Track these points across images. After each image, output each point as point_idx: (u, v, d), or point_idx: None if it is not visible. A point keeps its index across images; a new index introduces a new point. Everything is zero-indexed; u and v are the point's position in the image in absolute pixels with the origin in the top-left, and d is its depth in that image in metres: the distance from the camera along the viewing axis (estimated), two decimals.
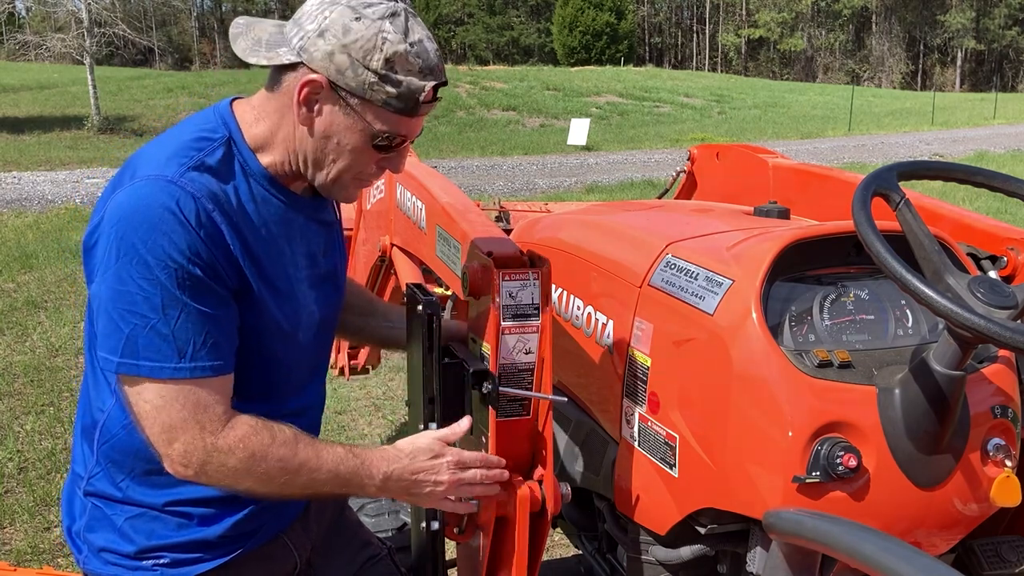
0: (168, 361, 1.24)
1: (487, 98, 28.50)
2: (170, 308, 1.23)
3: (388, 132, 1.33)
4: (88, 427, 1.44)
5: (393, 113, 1.31)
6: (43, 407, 4.62)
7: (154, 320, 1.23)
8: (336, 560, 1.69)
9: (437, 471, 1.39)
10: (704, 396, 1.53)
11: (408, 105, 1.31)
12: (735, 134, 24.24)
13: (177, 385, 1.25)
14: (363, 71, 1.27)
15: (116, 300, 1.24)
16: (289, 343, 1.44)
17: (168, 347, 1.24)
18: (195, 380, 1.26)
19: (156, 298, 1.23)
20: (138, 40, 26.15)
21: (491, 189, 13.17)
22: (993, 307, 1.34)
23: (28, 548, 3.25)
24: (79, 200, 12.07)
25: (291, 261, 1.43)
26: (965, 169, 1.61)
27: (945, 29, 71.09)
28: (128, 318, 1.24)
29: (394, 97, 1.29)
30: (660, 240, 1.75)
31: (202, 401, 1.26)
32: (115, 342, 1.25)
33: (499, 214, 3.21)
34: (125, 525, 1.41)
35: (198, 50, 72.93)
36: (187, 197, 1.26)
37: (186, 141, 1.34)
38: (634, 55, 59.83)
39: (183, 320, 1.24)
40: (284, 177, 1.40)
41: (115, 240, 1.24)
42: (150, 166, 1.29)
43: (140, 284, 1.23)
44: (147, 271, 1.23)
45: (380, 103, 1.30)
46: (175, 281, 1.23)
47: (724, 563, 1.70)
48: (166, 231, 1.23)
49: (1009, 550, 1.66)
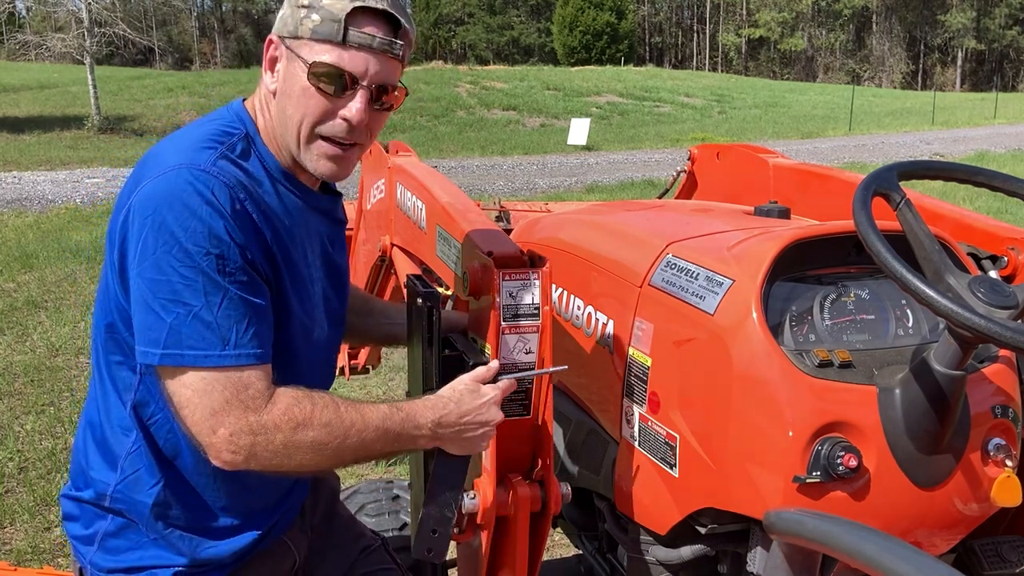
0: (213, 349, 1.21)
1: (487, 98, 28.50)
2: (212, 295, 1.22)
3: (324, 64, 1.29)
4: (102, 436, 1.42)
5: (323, 42, 1.28)
6: (43, 407, 4.62)
7: (197, 308, 1.21)
8: (332, 554, 1.70)
9: (485, 410, 1.37)
10: (704, 396, 1.53)
11: (334, 29, 1.28)
12: (735, 134, 24.23)
13: (221, 372, 1.22)
14: (298, 11, 1.30)
15: (156, 291, 1.22)
16: (308, 341, 1.45)
17: (212, 335, 1.21)
18: (239, 367, 1.23)
19: (198, 285, 1.21)
20: (138, 40, 26.16)
21: (491, 189, 13.17)
22: (993, 307, 1.34)
23: (28, 548, 3.25)
24: (79, 200, 12.07)
25: (310, 257, 1.45)
26: (966, 169, 1.61)
27: (946, 29, 71.07)
28: (171, 308, 1.21)
29: (319, 24, 1.28)
30: (660, 240, 1.75)
31: (245, 384, 1.23)
32: (157, 334, 1.22)
33: (499, 214, 3.20)
34: (137, 537, 1.41)
35: (198, 50, 72.92)
36: (220, 185, 1.26)
37: (208, 135, 1.34)
38: (634, 55, 59.81)
39: (226, 307, 1.22)
40: (292, 170, 1.41)
41: (151, 230, 1.22)
42: (178, 156, 1.28)
43: (181, 272, 1.21)
44: (187, 258, 1.21)
45: (309, 35, 1.29)
46: (215, 267, 1.22)
47: (724, 563, 1.70)
48: (204, 217, 1.22)
49: (1009, 550, 1.65)
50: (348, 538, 1.75)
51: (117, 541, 1.43)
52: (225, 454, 1.23)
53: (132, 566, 1.42)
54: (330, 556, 1.69)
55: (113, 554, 1.43)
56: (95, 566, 1.44)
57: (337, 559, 1.70)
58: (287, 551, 1.57)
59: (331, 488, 1.76)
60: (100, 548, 1.43)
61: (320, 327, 1.48)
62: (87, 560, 1.45)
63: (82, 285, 7.25)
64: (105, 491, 1.41)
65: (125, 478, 1.39)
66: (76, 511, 1.47)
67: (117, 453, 1.40)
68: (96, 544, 1.44)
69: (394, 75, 1.35)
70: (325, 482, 1.74)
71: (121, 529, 1.42)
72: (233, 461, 1.23)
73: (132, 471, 1.39)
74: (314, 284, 1.45)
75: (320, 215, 1.49)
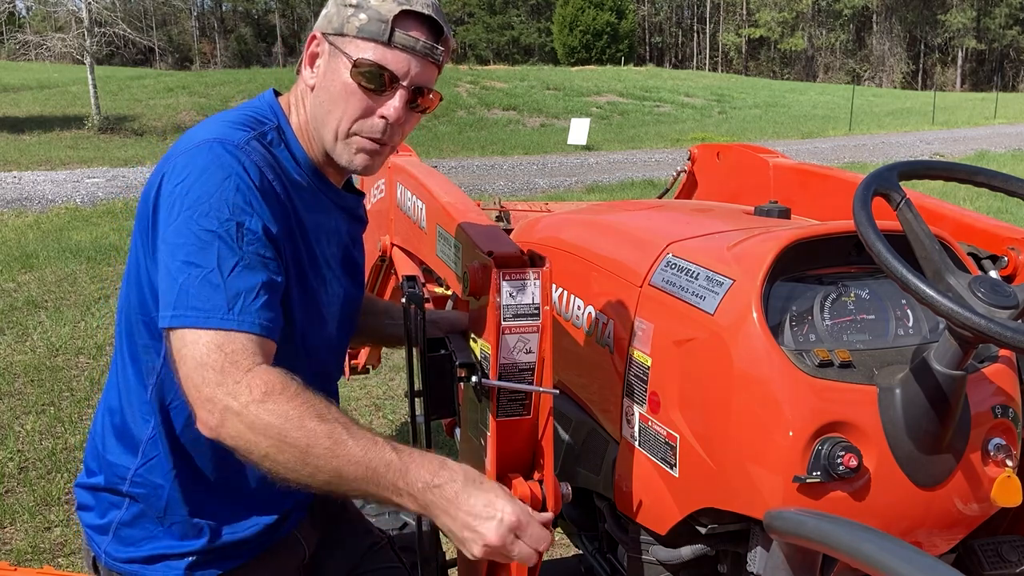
0: (216, 312, 1.20)
1: (487, 98, 28.50)
2: (226, 259, 1.22)
3: (368, 62, 1.32)
4: (122, 422, 1.43)
5: (368, 40, 1.32)
6: (43, 407, 4.62)
7: (207, 270, 1.21)
8: (339, 550, 1.71)
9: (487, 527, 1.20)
10: (705, 396, 1.53)
11: (380, 29, 1.31)
12: (735, 134, 24.23)
13: (221, 334, 1.19)
14: (342, 9, 1.34)
15: (175, 253, 1.22)
16: (325, 334, 1.46)
17: (219, 297, 1.20)
18: (239, 332, 1.19)
19: (212, 249, 1.21)
20: (138, 40, 26.13)
21: (491, 189, 13.17)
22: (994, 307, 1.34)
23: (28, 548, 3.25)
24: (79, 200, 12.07)
25: (329, 252, 1.47)
26: (966, 169, 1.61)
27: (946, 29, 71.06)
28: (184, 269, 1.21)
29: (366, 23, 1.31)
30: (661, 240, 1.75)
31: (240, 351, 1.19)
32: (170, 296, 1.22)
33: (499, 214, 3.19)
34: (152, 527, 1.42)
35: (198, 50, 72.94)
36: (251, 163, 1.28)
37: (241, 119, 1.37)
38: (634, 55, 59.84)
39: (237, 273, 1.22)
40: (321, 167, 1.44)
41: (179, 196, 1.24)
42: (211, 132, 1.30)
43: (199, 235, 1.22)
44: (207, 222, 1.22)
45: (355, 32, 1.32)
46: (234, 234, 1.23)
47: (725, 563, 1.70)
48: (230, 187, 1.24)
49: (1010, 550, 1.65)
50: (356, 535, 1.76)
51: (132, 531, 1.44)
52: (202, 413, 1.18)
53: (147, 555, 1.43)
54: (338, 552, 1.70)
55: (127, 544, 1.44)
56: (109, 556, 1.45)
57: (344, 555, 1.71)
58: (298, 545, 1.59)
59: None
60: (115, 538, 1.44)
61: (334, 323, 1.49)
62: (101, 549, 1.45)
63: (82, 285, 7.25)
64: (124, 475, 1.42)
65: (146, 462, 1.40)
66: (91, 500, 1.48)
67: (138, 438, 1.41)
68: (111, 534, 1.45)
69: (432, 79, 1.39)
70: None
71: (136, 518, 1.43)
72: (208, 423, 1.18)
73: (152, 456, 1.40)
74: (332, 280, 1.48)
75: (344, 213, 1.52)
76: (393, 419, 4.55)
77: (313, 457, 1.15)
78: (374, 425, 4.48)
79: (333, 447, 1.15)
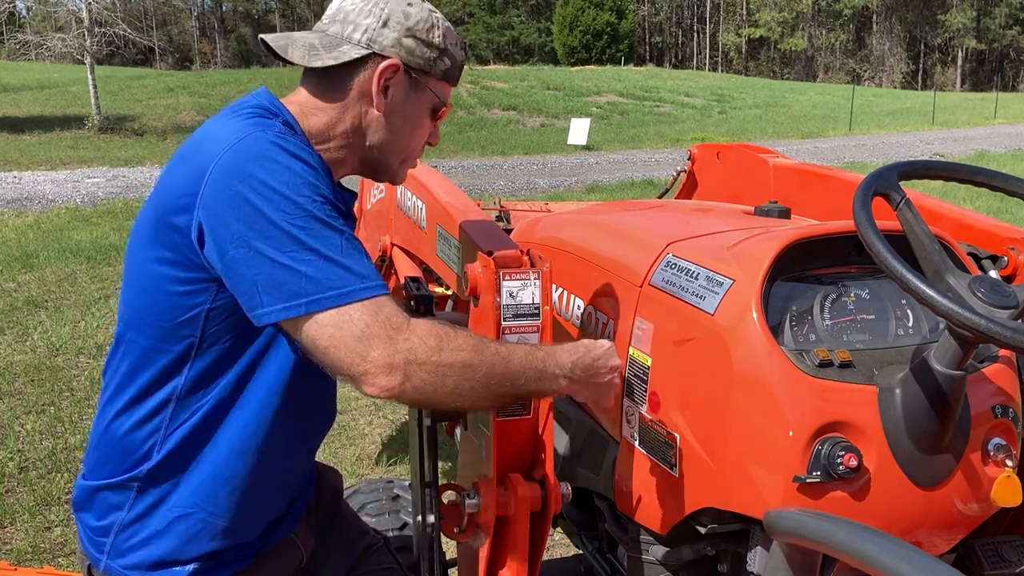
0: (352, 285, 1.22)
1: (487, 98, 28.51)
2: (332, 238, 1.23)
3: (442, 101, 1.49)
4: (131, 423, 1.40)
5: (446, 82, 1.49)
6: (43, 407, 4.62)
7: (324, 251, 1.22)
8: (335, 552, 1.71)
9: (612, 355, 1.46)
10: (704, 396, 1.53)
11: (456, 74, 1.50)
12: (735, 134, 24.24)
13: (361, 303, 1.21)
14: (427, 48, 1.43)
15: (281, 247, 1.21)
16: None
17: (348, 273, 1.22)
18: (381, 296, 1.23)
19: (315, 231, 1.22)
20: (139, 40, 26.13)
21: (491, 189, 13.18)
22: (994, 307, 1.34)
23: (28, 548, 3.25)
24: (80, 200, 12.08)
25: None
26: (966, 169, 1.61)
27: (946, 29, 71.09)
28: (300, 257, 1.21)
29: (448, 68, 1.47)
30: (661, 240, 1.75)
31: (386, 313, 1.22)
32: (295, 286, 1.21)
33: (499, 214, 3.20)
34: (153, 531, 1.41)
35: (198, 50, 72.98)
36: (294, 144, 1.29)
37: (255, 111, 1.36)
38: (634, 55, 59.85)
39: (346, 246, 1.24)
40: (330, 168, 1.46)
41: (250, 193, 1.22)
42: (242, 130, 1.29)
43: (296, 223, 1.21)
44: (297, 208, 1.22)
45: (440, 75, 1.46)
46: (325, 212, 1.24)
47: (725, 563, 1.70)
48: (297, 170, 1.25)
49: (1010, 550, 1.65)
50: (351, 537, 1.75)
51: (133, 534, 1.42)
52: (382, 378, 1.20)
53: (147, 561, 1.42)
54: (334, 554, 1.70)
55: (128, 547, 1.42)
56: (109, 557, 1.43)
57: (340, 557, 1.71)
58: (295, 549, 1.58)
59: (335, 487, 1.77)
60: (114, 542, 1.43)
61: None
62: (103, 552, 1.44)
63: (82, 285, 7.26)
64: (133, 474, 1.40)
65: (148, 465, 1.39)
66: (91, 501, 1.46)
67: (138, 442, 1.39)
68: (111, 536, 1.43)
69: None
70: (329, 481, 1.74)
71: (137, 521, 1.42)
72: (389, 385, 1.21)
73: (154, 459, 1.39)
74: None
75: (346, 209, 1.53)
76: (392, 419, 4.55)
77: (495, 375, 1.29)
78: (373, 425, 4.49)
79: (505, 361, 1.30)
